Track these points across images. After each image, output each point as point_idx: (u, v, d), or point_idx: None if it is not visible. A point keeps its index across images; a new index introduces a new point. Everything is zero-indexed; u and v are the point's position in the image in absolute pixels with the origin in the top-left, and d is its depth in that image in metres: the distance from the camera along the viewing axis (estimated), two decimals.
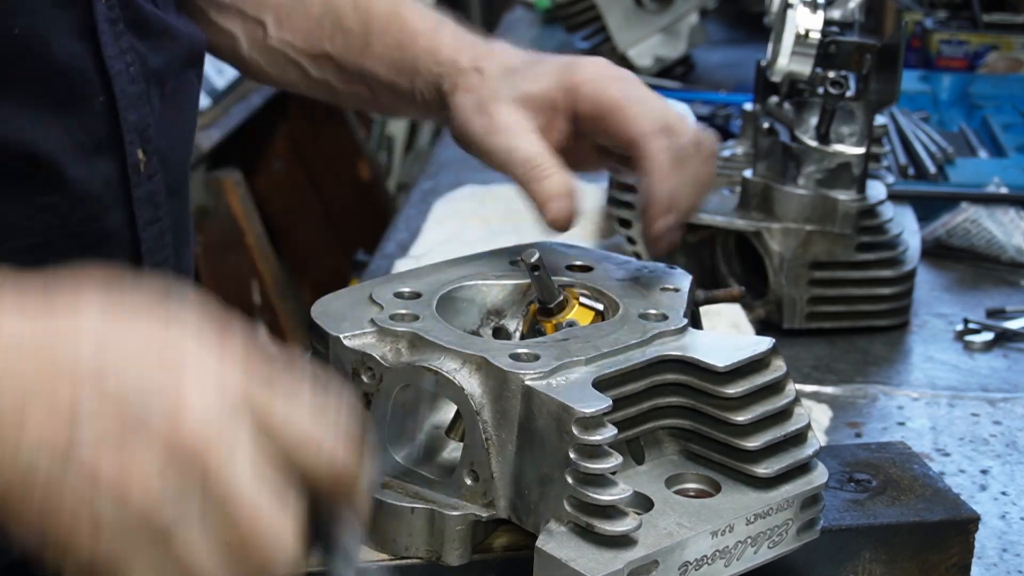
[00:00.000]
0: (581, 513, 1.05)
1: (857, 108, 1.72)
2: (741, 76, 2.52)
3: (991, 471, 1.51)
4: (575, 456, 1.05)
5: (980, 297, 1.87)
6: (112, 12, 1.24)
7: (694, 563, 1.08)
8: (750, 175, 1.76)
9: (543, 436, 1.07)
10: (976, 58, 2.50)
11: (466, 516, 1.11)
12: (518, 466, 1.09)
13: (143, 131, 1.27)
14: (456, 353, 1.12)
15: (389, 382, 1.13)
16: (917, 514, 1.22)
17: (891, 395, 1.66)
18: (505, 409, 1.09)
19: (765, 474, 1.12)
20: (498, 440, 1.09)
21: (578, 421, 1.05)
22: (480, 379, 1.10)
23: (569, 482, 1.05)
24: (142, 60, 1.27)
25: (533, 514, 1.08)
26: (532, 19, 2.86)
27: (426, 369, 1.12)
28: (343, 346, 1.15)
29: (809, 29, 1.71)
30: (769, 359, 1.14)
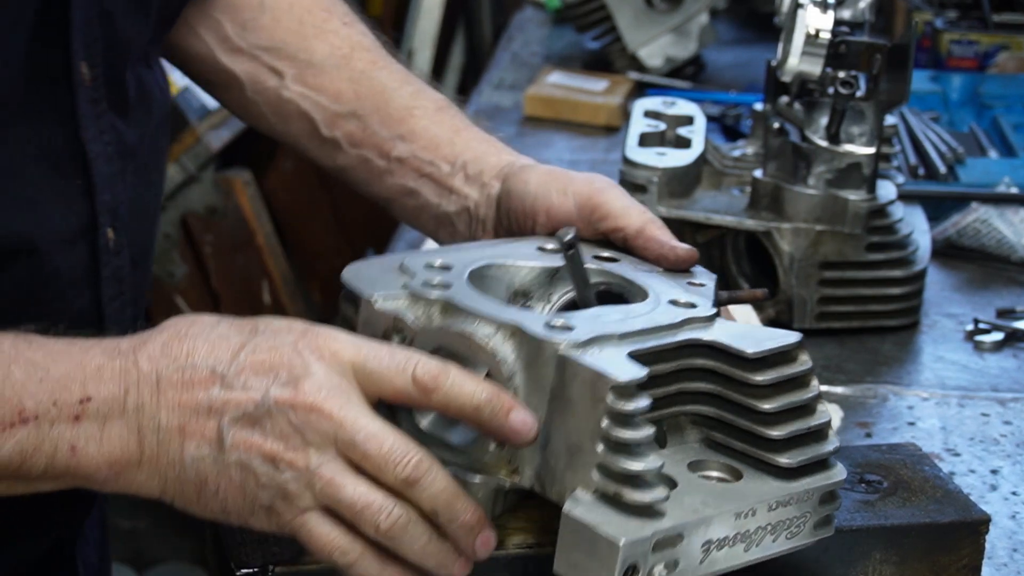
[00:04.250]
0: (610, 481, 1.06)
1: (867, 108, 1.72)
2: (751, 76, 2.52)
3: (1001, 471, 1.51)
4: (608, 424, 1.05)
5: (990, 297, 1.87)
6: (96, 92, 1.24)
7: (716, 543, 1.09)
8: (760, 175, 1.76)
9: (575, 404, 1.07)
10: (986, 58, 2.49)
11: (488, 483, 1.12)
12: (546, 434, 1.09)
13: (114, 210, 1.27)
14: (490, 320, 1.12)
15: (419, 345, 1.13)
16: (928, 515, 1.22)
17: (901, 395, 1.66)
18: (537, 377, 1.10)
19: (788, 464, 1.13)
20: (528, 408, 1.10)
21: (614, 389, 1.05)
22: (513, 346, 1.11)
23: (599, 450, 1.06)
24: (119, 138, 1.27)
25: (558, 483, 1.09)
26: (542, 19, 2.86)
27: (459, 333, 1.12)
28: (375, 308, 1.16)
29: (819, 29, 1.71)
30: (796, 353, 1.15)
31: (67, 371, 1.09)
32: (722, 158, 1.85)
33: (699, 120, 1.86)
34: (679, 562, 1.07)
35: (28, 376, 1.08)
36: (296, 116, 1.50)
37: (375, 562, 1.08)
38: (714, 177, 1.84)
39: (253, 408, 1.07)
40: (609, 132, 2.37)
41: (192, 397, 1.08)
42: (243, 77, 1.50)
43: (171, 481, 1.09)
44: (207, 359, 1.09)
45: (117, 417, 1.08)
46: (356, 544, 1.07)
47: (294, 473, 1.06)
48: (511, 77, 2.58)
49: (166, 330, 1.11)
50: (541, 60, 2.66)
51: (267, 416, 1.06)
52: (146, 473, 1.09)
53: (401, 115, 1.48)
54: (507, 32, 2.88)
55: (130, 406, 1.08)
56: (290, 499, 1.07)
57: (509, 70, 2.63)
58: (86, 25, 1.21)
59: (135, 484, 1.10)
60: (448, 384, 1.08)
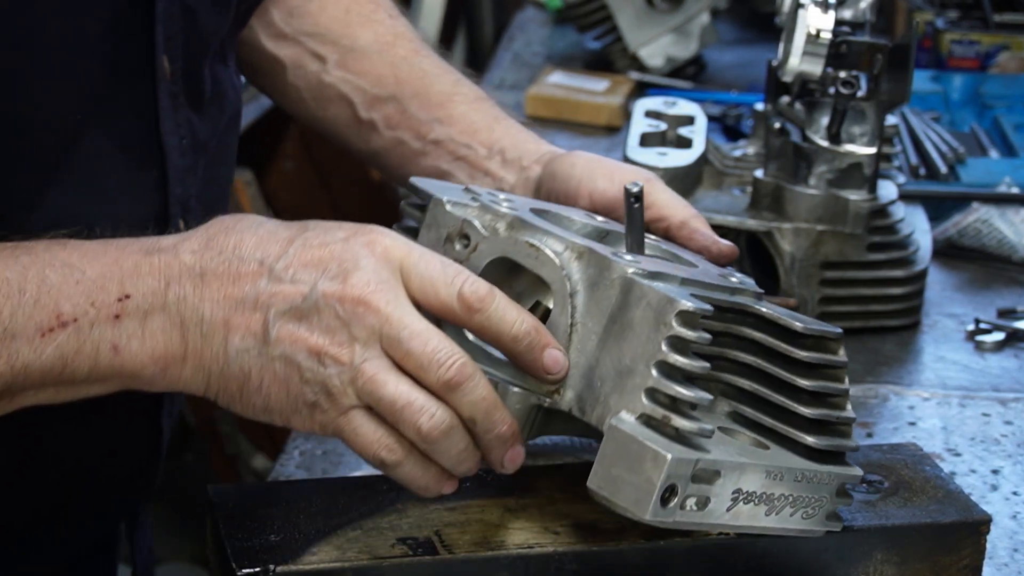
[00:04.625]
0: (658, 406, 1.06)
1: (868, 108, 1.72)
2: (752, 76, 2.52)
3: (1002, 471, 1.51)
4: (667, 348, 1.06)
5: (991, 297, 1.87)
6: (175, 86, 1.24)
7: (744, 495, 1.10)
8: (761, 175, 1.76)
9: (635, 327, 1.08)
10: (987, 58, 2.49)
11: (527, 398, 1.12)
12: (595, 357, 1.10)
13: (185, 202, 1.28)
14: (559, 238, 1.13)
15: (483, 252, 1.14)
16: (929, 516, 1.22)
17: (902, 395, 1.66)
18: (598, 298, 1.10)
19: (814, 444, 1.14)
20: (583, 328, 1.11)
21: (680, 314, 1.06)
22: (580, 266, 1.12)
23: (653, 374, 1.06)
24: (193, 132, 1.27)
25: (601, 406, 1.09)
26: (543, 19, 2.85)
27: (529, 244, 1.12)
28: (445, 210, 1.17)
29: (820, 29, 1.70)
30: (836, 346, 1.17)
31: (104, 270, 1.08)
32: (723, 158, 1.85)
33: (700, 120, 1.86)
34: (709, 501, 1.08)
35: (64, 279, 1.07)
36: (335, 99, 1.52)
37: (419, 463, 1.08)
38: (715, 177, 1.84)
39: (300, 301, 1.06)
40: (610, 132, 2.37)
41: (239, 290, 1.07)
42: (286, 61, 1.52)
43: (215, 376, 1.08)
44: (255, 252, 1.08)
45: (158, 311, 1.07)
46: (403, 443, 1.07)
47: (338, 368, 1.05)
48: (512, 77, 2.58)
49: (212, 226, 1.11)
50: (542, 60, 2.66)
51: (314, 310, 1.06)
52: (191, 368, 1.08)
53: (441, 100, 1.49)
54: (508, 32, 2.88)
55: (171, 299, 1.07)
56: (334, 396, 1.06)
57: (510, 70, 2.63)
58: (168, 19, 1.22)
59: (181, 381, 1.09)
60: (492, 307, 1.08)
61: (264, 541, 1.12)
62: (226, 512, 1.15)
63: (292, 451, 1.51)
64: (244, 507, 1.16)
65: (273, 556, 1.11)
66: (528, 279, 1.16)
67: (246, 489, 1.20)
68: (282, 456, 1.51)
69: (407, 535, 1.13)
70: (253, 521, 1.14)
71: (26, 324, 1.06)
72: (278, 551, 1.11)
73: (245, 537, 1.12)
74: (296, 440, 1.53)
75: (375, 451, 1.07)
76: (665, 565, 1.16)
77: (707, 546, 1.16)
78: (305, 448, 1.52)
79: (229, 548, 1.11)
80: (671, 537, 1.15)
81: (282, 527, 1.13)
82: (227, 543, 1.12)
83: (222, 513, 1.15)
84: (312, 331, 1.06)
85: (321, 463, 1.49)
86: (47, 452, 1.26)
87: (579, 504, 1.18)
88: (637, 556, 1.15)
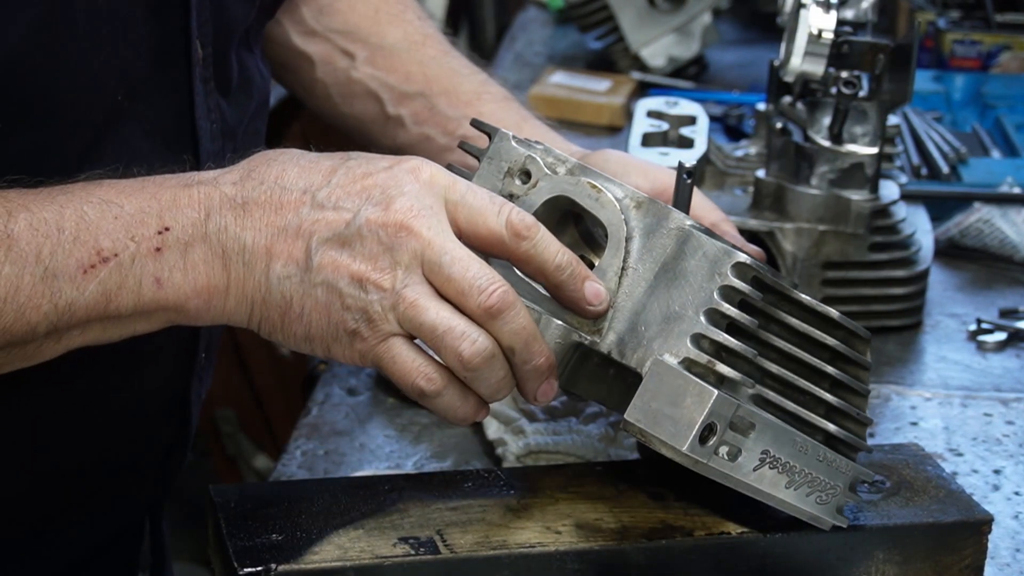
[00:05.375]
0: (703, 352, 1.08)
1: (870, 108, 1.72)
2: (754, 76, 2.52)
3: (1004, 471, 1.51)
4: (719, 297, 1.08)
5: (993, 297, 1.87)
6: (207, 71, 1.25)
7: (771, 458, 1.12)
8: (763, 175, 1.76)
9: (688, 275, 1.10)
10: (989, 58, 2.49)
11: (568, 333, 1.12)
12: (642, 302, 1.11)
13: None
14: (621, 186, 1.14)
15: (542, 189, 1.15)
16: (931, 515, 1.22)
17: (904, 395, 1.66)
18: (653, 245, 1.12)
19: (836, 432, 1.16)
20: (633, 274, 1.12)
21: (736, 266, 1.09)
22: (638, 214, 1.13)
23: (702, 320, 1.08)
24: (223, 117, 1.28)
25: (643, 349, 1.11)
26: (545, 19, 2.85)
27: (591, 184, 1.13)
28: (510, 143, 1.18)
29: (822, 29, 1.70)
30: (863, 346, 1.19)
31: (142, 204, 1.08)
32: (725, 158, 1.85)
33: (702, 120, 1.86)
34: (740, 454, 1.10)
35: (102, 215, 1.07)
36: (363, 96, 1.53)
37: (458, 392, 1.08)
38: (717, 177, 1.84)
39: (343, 228, 1.06)
40: (612, 132, 2.37)
41: (281, 218, 1.07)
42: (315, 57, 1.53)
43: (257, 305, 1.08)
44: (297, 181, 1.08)
45: (199, 242, 1.08)
46: (443, 372, 1.07)
47: (379, 294, 1.05)
48: (514, 77, 2.58)
49: (253, 159, 1.11)
50: (544, 60, 2.66)
51: (357, 236, 1.06)
52: (234, 299, 1.08)
53: (469, 98, 1.51)
54: (510, 32, 2.88)
55: (212, 230, 1.08)
56: (374, 323, 1.06)
57: (512, 70, 2.63)
58: (200, 4, 1.23)
59: (226, 312, 1.09)
60: (539, 236, 1.09)
61: (266, 541, 1.12)
62: (228, 512, 1.15)
63: (294, 451, 1.51)
64: (246, 507, 1.16)
65: (275, 556, 1.11)
66: (571, 235, 1.18)
67: (248, 489, 1.19)
68: (284, 456, 1.51)
69: (409, 534, 1.13)
70: (255, 521, 1.14)
71: (67, 262, 1.06)
72: (280, 551, 1.11)
73: (247, 537, 1.12)
74: (298, 440, 1.53)
75: (413, 380, 1.07)
76: (667, 564, 1.16)
77: (709, 545, 1.16)
78: (307, 448, 1.52)
79: (231, 548, 1.12)
80: (673, 537, 1.15)
81: (284, 527, 1.14)
82: (229, 543, 1.12)
83: (224, 513, 1.15)
84: (355, 258, 1.06)
85: (323, 463, 1.49)
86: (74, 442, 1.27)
87: (581, 504, 1.18)
88: (639, 555, 1.15)
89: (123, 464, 1.33)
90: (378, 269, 1.06)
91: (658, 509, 1.18)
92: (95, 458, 1.30)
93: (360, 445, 1.52)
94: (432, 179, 1.09)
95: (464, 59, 1.57)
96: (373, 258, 1.06)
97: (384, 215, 1.06)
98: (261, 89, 1.38)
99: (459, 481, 1.21)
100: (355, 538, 1.13)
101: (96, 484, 1.32)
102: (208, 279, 1.08)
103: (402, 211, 1.06)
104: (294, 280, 1.07)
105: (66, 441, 1.26)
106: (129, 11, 1.17)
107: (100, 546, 1.38)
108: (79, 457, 1.29)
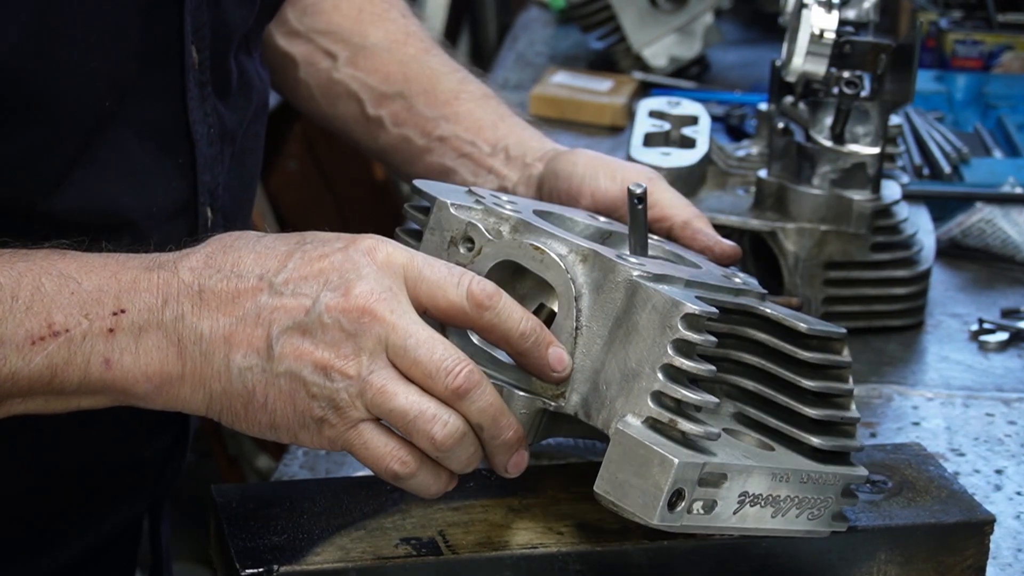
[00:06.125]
0: (664, 410, 1.06)
1: (872, 108, 1.72)
2: (756, 76, 2.52)
3: (1006, 471, 1.51)
4: (673, 351, 1.06)
5: (995, 297, 1.87)
6: (203, 75, 1.25)
7: (751, 498, 1.10)
8: (765, 175, 1.76)
9: (640, 330, 1.08)
10: (991, 58, 2.49)
11: (533, 402, 1.11)
12: (601, 360, 1.10)
13: (214, 190, 1.28)
14: (564, 241, 1.13)
15: (487, 255, 1.14)
16: (933, 515, 1.22)
17: (906, 395, 1.66)
18: (603, 301, 1.10)
19: (819, 445, 1.15)
20: (588, 332, 1.10)
21: (685, 317, 1.06)
22: (584, 269, 1.12)
23: (659, 377, 1.06)
24: (220, 121, 1.28)
25: (607, 409, 1.09)
26: (547, 19, 2.85)
27: (533, 247, 1.12)
28: (449, 212, 1.16)
29: (824, 29, 1.70)
30: (840, 346, 1.17)
31: (100, 283, 1.07)
32: (727, 158, 1.85)
33: (704, 120, 1.86)
34: (716, 504, 1.08)
35: (59, 289, 1.06)
36: (344, 97, 1.52)
37: (431, 472, 1.08)
38: (719, 177, 1.84)
39: (303, 316, 1.05)
40: (614, 132, 2.37)
41: (239, 307, 1.06)
42: (298, 58, 1.53)
43: (216, 395, 1.07)
44: (254, 267, 1.07)
45: (154, 329, 1.06)
46: (415, 453, 1.06)
47: (345, 382, 1.04)
48: (516, 77, 2.58)
49: (210, 244, 1.10)
50: (546, 60, 2.66)
51: (318, 324, 1.05)
52: (190, 387, 1.07)
53: (447, 97, 1.50)
54: (512, 32, 2.88)
55: (168, 317, 1.06)
56: (342, 410, 1.05)
57: (514, 70, 2.62)
58: (196, 9, 1.23)
59: (180, 400, 1.08)
60: (500, 305, 1.08)
61: (268, 541, 1.12)
62: (230, 512, 1.15)
63: (296, 451, 1.51)
64: (248, 507, 1.16)
65: (277, 556, 1.11)
66: (531, 282, 1.16)
67: (250, 489, 1.19)
68: (286, 456, 1.51)
69: (411, 535, 1.13)
70: (257, 521, 1.14)
71: (16, 330, 1.06)
72: (282, 551, 1.11)
73: (249, 537, 1.12)
74: None
75: (387, 464, 1.06)
76: (669, 566, 1.16)
77: (711, 547, 1.16)
78: (309, 448, 1.52)
79: (233, 548, 1.12)
80: (675, 538, 1.15)
81: (286, 527, 1.13)
82: (231, 543, 1.12)
83: (226, 513, 1.15)
84: (317, 345, 1.05)
85: (325, 463, 1.49)
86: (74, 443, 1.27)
87: (583, 504, 1.18)
88: (641, 556, 1.15)
89: (122, 465, 1.33)
90: (342, 356, 1.05)
91: None
92: (94, 459, 1.30)
93: None
94: (388, 259, 1.07)
95: (446, 56, 1.56)
96: (336, 345, 1.05)
97: (344, 300, 1.05)
98: (260, 92, 1.37)
99: (461, 482, 1.20)
100: (357, 539, 1.13)
101: (96, 485, 1.32)
102: (161, 366, 1.07)
103: (363, 296, 1.05)
104: (256, 370, 1.06)
105: (65, 442, 1.26)
106: (121, 15, 1.16)
107: (100, 546, 1.38)
108: (79, 458, 1.29)
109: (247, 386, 1.06)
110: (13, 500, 1.28)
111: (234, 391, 1.07)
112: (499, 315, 1.08)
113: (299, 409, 1.06)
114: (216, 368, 1.07)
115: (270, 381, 1.06)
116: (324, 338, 1.05)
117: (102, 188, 1.19)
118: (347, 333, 1.05)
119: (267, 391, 1.06)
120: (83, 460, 1.29)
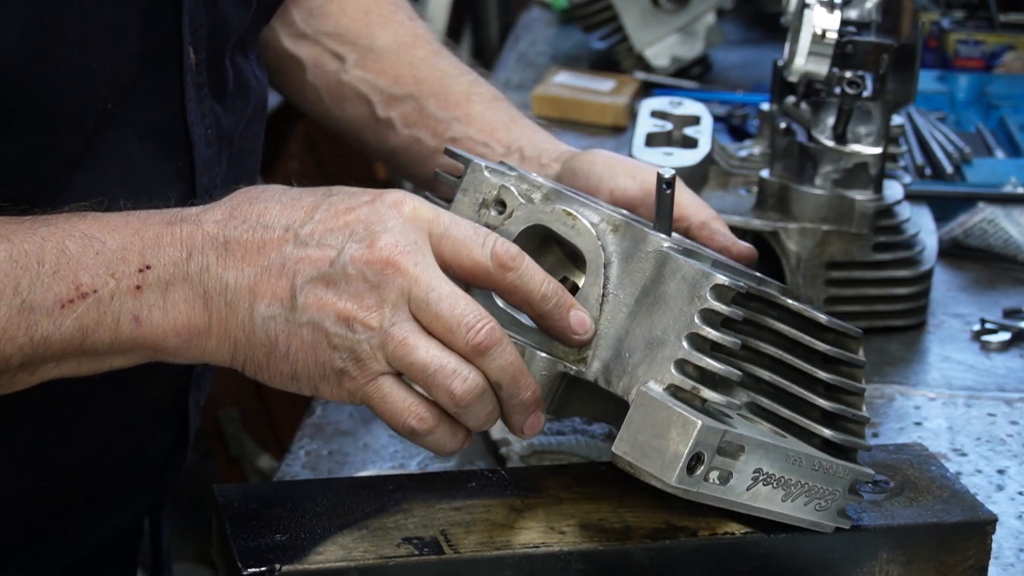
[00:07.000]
0: (687, 378, 1.07)
1: (874, 108, 1.72)
2: (758, 76, 2.52)
3: (1008, 471, 1.51)
4: (700, 321, 1.07)
5: (997, 297, 1.87)
6: (200, 77, 1.25)
7: (764, 476, 1.11)
8: (767, 175, 1.76)
9: (668, 299, 1.09)
10: (993, 58, 2.49)
11: (553, 365, 1.12)
12: (625, 328, 1.10)
13: (211, 192, 1.28)
14: (597, 210, 1.14)
15: (518, 219, 1.14)
16: (935, 515, 1.22)
17: (908, 395, 1.66)
18: (632, 270, 1.11)
19: (831, 437, 1.15)
20: (614, 300, 1.11)
21: (715, 288, 1.07)
22: (615, 238, 1.13)
23: (684, 346, 1.07)
24: (217, 122, 1.28)
25: (628, 376, 1.10)
26: (549, 19, 2.85)
27: (566, 212, 1.13)
28: (483, 174, 1.17)
29: (826, 29, 1.70)
30: (856, 345, 1.18)
31: (124, 242, 1.08)
32: (729, 158, 1.85)
33: (706, 120, 1.86)
34: (731, 477, 1.09)
35: (84, 250, 1.07)
36: (353, 99, 1.52)
37: (448, 429, 1.08)
38: (721, 177, 1.84)
39: (328, 267, 1.05)
40: (616, 132, 2.37)
41: (264, 257, 1.06)
42: (305, 61, 1.53)
43: (241, 345, 1.07)
44: (280, 218, 1.07)
45: (180, 282, 1.07)
46: (433, 410, 1.07)
47: (367, 333, 1.05)
48: (518, 77, 2.58)
49: (235, 197, 1.10)
50: (548, 60, 2.66)
51: (342, 275, 1.05)
52: (216, 339, 1.08)
53: (458, 99, 1.50)
54: (514, 32, 2.88)
55: (193, 270, 1.07)
56: (363, 362, 1.05)
57: (516, 70, 2.63)
58: (193, 10, 1.23)
59: (207, 352, 1.08)
60: (523, 266, 1.08)
61: (270, 541, 1.12)
62: (232, 512, 1.15)
63: (297, 451, 1.51)
64: (250, 507, 1.16)
65: (279, 556, 1.11)
66: (555, 256, 1.17)
67: (252, 489, 1.20)
68: (287, 456, 1.51)
69: (413, 535, 1.13)
70: (259, 521, 1.14)
71: (45, 295, 1.06)
72: (284, 551, 1.11)
73: (251, 537, 1.12)
74: (301, 440, 1.53)
75: (405, 419, 1.07)
76: (670, 565, 1.16)
77: (712, 546, 1.16)
78: (311, 448, 1.52)
79: (235, 548, 1.12)
80: (676, 537, 1.15)
81: (288, 527, 1.14)
82: (233, 543, 1.12)
83: (228, 513, 1.15)
84: (340, 296, 1.05)
85: (327, 463, 1.49)
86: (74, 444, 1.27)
87: (585, 504, 1.18)
88: (643, 556, 1.15)
89: (123, 466, 1.33)
90: (365, 308, 1.05)
91: (662, 509, 1.18)
92: (95, 460, 1.30)
93: (364, 445, 1.52)
94: (415, 213, 1.08)
95: (455, 59, 1.56)
96: (359, 296, 1.05)
97: (369, 252, 1.05)
98: (258, 94, 1.37)
99: (463, 481, 1.21)
100: (359, 538, 1.13)
101: (96, 485, 1.32)
102: (188, 318, 1.07)
103: (387, 248, 1.05)
104: (279, 320, 1.06)
105: (66, 443, 1.26)
106: (120, 16, 1.16)
107: (100, 546, 1.38)
108: (79, 458, 1.29)
109: (270, 336, 1.07)
110: (13, 500, 1.28)
111: (257, 341, 1.07)
112: (521, 276, 1.09)
113: (320, 360, 1.06)
114: (240, 318, 1.07)
115: (292, 331, 1.06)
116: (348, 289, 1.05)
117: (102, 190, 1.19)
118: (371, 284, 1.05)
119: (289, 341, 1.06)
120: (84, 460, 1.29)
